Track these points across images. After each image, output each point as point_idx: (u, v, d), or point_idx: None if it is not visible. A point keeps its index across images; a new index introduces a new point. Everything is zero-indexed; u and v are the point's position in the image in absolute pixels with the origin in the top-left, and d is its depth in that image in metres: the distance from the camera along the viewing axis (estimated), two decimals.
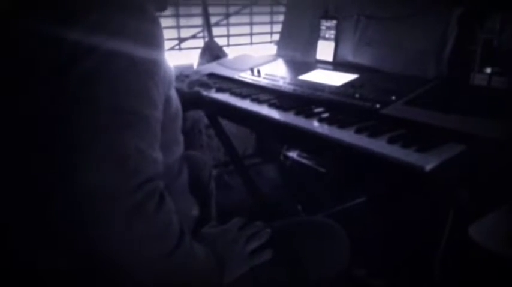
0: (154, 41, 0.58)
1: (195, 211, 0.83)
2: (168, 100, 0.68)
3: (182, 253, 0.58)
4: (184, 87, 1.31)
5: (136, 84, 0.54)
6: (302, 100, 1.20)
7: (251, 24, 3.20)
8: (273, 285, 0.76)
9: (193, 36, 2.90)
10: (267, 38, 3.28)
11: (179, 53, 2.86)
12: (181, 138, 0.80)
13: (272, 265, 0.75)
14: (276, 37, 1.84)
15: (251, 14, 3.17)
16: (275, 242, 0.78)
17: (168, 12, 2.79)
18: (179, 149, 0.79)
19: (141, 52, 0.56)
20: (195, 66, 2.54)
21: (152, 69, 0.57)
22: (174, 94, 0.74)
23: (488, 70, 1.08)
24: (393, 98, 1.05)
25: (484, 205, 0.82)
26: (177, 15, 2.81)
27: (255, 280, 0.73)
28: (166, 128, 0.68)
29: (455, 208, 0.91)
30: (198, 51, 2.72)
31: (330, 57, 1.48)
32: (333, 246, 0.84)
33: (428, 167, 0.75)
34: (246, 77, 1.48)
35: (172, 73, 0.72)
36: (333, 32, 1.47)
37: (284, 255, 0.77)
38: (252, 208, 1.71)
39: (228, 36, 3.09)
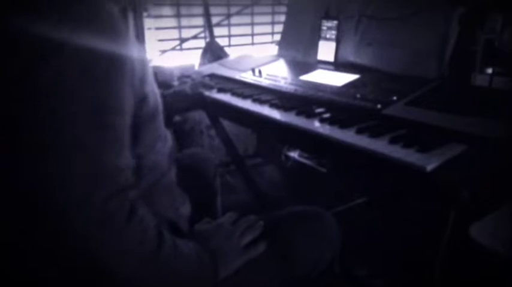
0: (113, 35, 0.54)
1: (185, 209, 0.81)
2: (144, 99, 0.64)
3: (164, 257, 0.57)
4: (187, 89, 1.31)
5: (97, 92, 0.51)
6: (303, 100, 1.20)
7: (252, 24, 3.20)
8: (266, 277, 0.76)
9: (195, 37, 2.91)
10: (268, 38, 3.28)
11: (180, 54, 2.86)
12: (166, 134, 0.77)
13: (264, 257, 0.75)
14: (277, 37, 1.84)
15: (252, 14, 3.17)
16: (266, 234, 0.78)
17: (169, 12, 2.81)
18: (166, 146, 0.76)
19: (100, 48, 0.52)
20: (196, 67, 2.55)
21: (116, 66, 0.53)
22: (151, 90, 0.68)
23: (490, 70, 1.08)
24: (394, 98, 1.05)
25: (486, 205, 0.82)
26: (178, 16, 2.82)
27: (248, 274, 0.73)
28: (144, 127, 0.66)
29: (457, 208, 0.91)
30: (199, 51, 2.72)
31: (331, 58, 1.48)
32: (323, 233, 0.85)
33: (430, 167, 0.75)
34: (247, 77, 1.48)
35: (148, 68, 0.67)
36: (334, 32, 1.47)
37: (275, 246, 0.77)
38: (253, 208, 1.71)
39: (229, 36, 3.09)
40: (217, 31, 2.92)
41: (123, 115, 0.55)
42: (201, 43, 2.86)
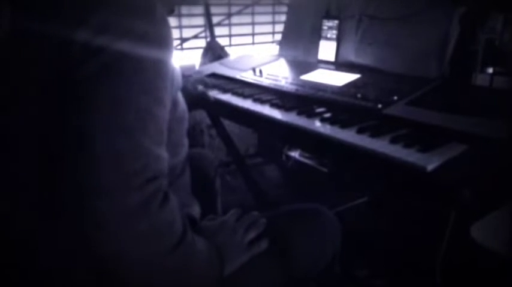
0: (163, 42, 0.58)
1: (196, 209, 0.83)
2: (175, 103, 0.69)
3: (185, 249, 0.58)
4: (189, 87, 1.31)
5: (144, 84, 0.55)
6: (304, 100, 1.20)
7: (253, 24, 3.21)
8: (266, 275, 0.77)
9: (195, 36, 2.91)
10: (269, 38, 3.28)
11: (181, 53, 2.86)
12: (186, 141, 0.81)
13: (264, 255, 0.76)
14: (278, 37, 1.85)
15: (253, 13, 3.17)
16: (266, 233, 0.78)
17: None
18: (184, 151, 0.80)
19: (149, 53, 0.56)
20: (196, 67, 2.55)
21: (161, 69, 0.57)
22: (180, 97, 0.75)
23: (490, 70, 1.08)
24: (395, 98, 1.05)
25: (486, 205, 0.82)
26: (179, 15, 2.82)
27: (248, 272, 0.74)
28: (172, 129, 0.69)
29: (457, 208, 0.91)
30: (200, 51, 2.72)
31: (332, 57, 1.48)
32: (324, 231, 0.85)
33: (430, 167, 0.75)
34: (248, 77, 1.48)
35: (180, 76, 0.73)
36: (335, 31, 1.47)
37: (274, 244, 0.78)
38: (253, 208, 1.72)
39: (230, 36, 3.09)
40: (218, 31, 2.92)
41: (164, 108, 0.58)
42: (202, 43, 2.87)
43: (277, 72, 1.46)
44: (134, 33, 0.55)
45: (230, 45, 3.08)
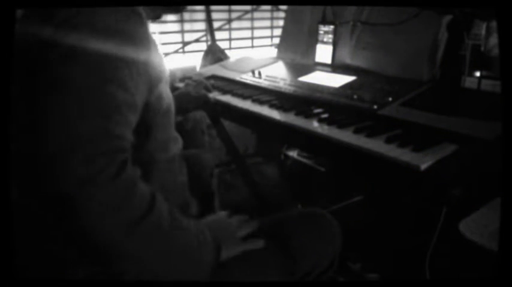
0: (125, 36, 0.61)
1: (193, 209, 0.85)
2: (159, 96, 0.70)
3: (152, 222, 0.58)
4: (191, 89, 1.33)
5: (105, 69, 0.58)
6: (302, 101, 1.22)
7: (252, 28, 3.24)
8: (266, 278, 0.77)
9: (197, 40, 2.94)
10: (268, 41, 3.31)
11: (183, 56, 2.89)
12: (177, 135, 0.82)
13: (265, 258, 0.77)
14: (276, 41, 1.87)
15: (252, 19, 3.21)
16: (266, 235, 0.79)
17: (172, 17, 2.84)
18: (176, 147, 0.80)
19: (113, 46, 0.59)
20: (197, 69, 2.58)
21: (127, 60, 0.60)
22: (166, 91, 0.75)
23: (478, 74, 1.11)
24: (390, 99, 1.08)
25: (475, 201, 0.85)
26: (181, 21, 2.85)
27: (250, 275, 0.75)
28: (159, 123, 0.71)
29: (448, 205, 0.93)
30: (201, 54, 2.75)
31: (328, 60, 1.50)
32: (325, 235, 0.87)
33: (424, 166, 0.77)
34: (248, 78, 1.50)
35: (165, 70, 0.74)
36: (331, 36, 1.50)
37: (278, 246, 0.79)
38: (253, 207, 1.74)
39: (230, 40, 3.12)
40: (218, 35, 2.95)
41: (126, 92, 0.60)
42: (203, 46, 2.90)
43: (276, 74, 1.47)
44: (94, 26, 0.58)
45: (230, 48, 3.11)
